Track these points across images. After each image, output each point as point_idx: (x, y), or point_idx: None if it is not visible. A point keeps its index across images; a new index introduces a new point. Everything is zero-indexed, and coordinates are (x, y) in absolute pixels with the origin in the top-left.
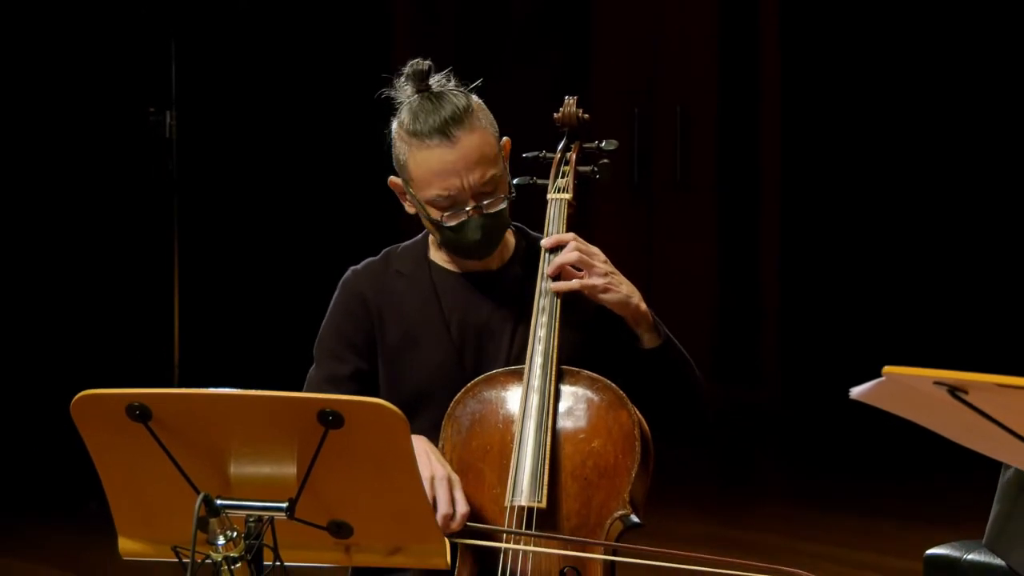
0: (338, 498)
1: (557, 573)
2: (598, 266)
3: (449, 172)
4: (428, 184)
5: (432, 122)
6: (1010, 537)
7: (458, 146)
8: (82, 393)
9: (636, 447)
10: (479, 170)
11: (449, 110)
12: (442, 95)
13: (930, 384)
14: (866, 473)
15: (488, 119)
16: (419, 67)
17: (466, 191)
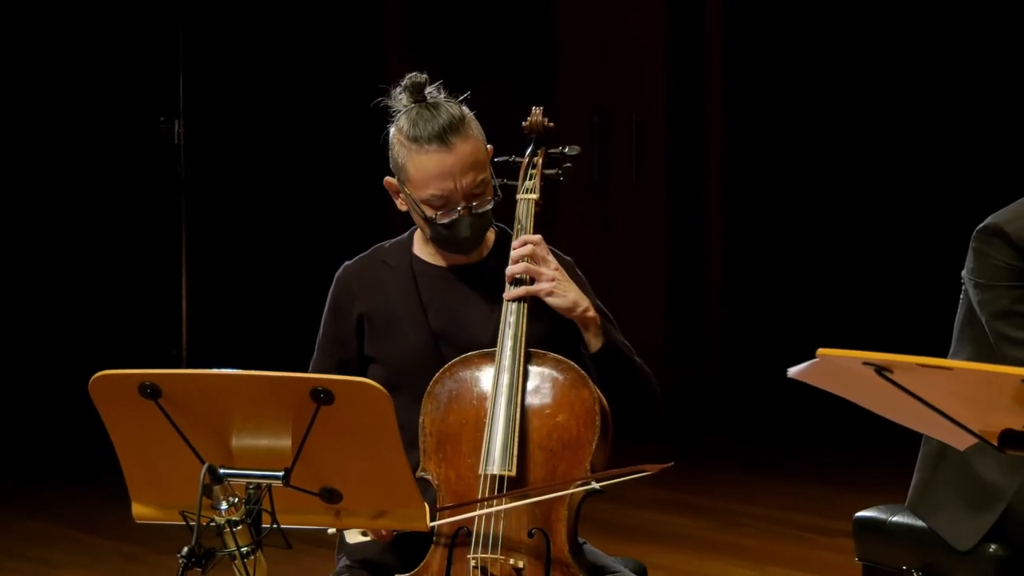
0: (329, 467)
1: (526, 534)
2: (546, 273)
3: (445, 175)
4: (425, 185)
5: (431, 129)
6: (930, 502)
7: (454, 152)
8: (99, 373)
9: (596, 421)
10: (471, 174)
11: (446, 119)
12: (438, 105)
13: (859, 364)
14: (803, 444)
15: (478, 128)
16: (416, 79)
17: (458, 192)
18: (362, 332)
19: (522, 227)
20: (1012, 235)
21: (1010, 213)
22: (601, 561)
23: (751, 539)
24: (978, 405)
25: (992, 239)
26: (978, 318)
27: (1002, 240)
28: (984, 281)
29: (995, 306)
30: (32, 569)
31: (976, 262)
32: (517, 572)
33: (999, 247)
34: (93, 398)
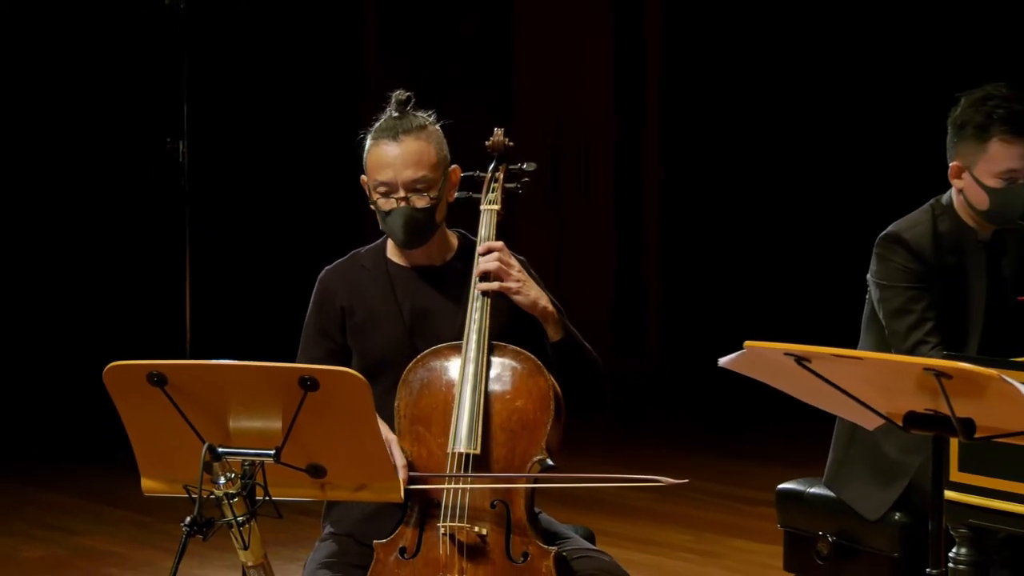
0: (314, 446)
1: (489, 505)
2: (513, 275)
3: (387, 165)
4: (373, 171)
5: (390, 128)
6: (843, 477)
7: (400, 146)
8: (111, 364)
9: (551, 406)
10: (412, 169)
11: (406, 123)
12: (408, 114)
13: (781, 355)
14: (733, 425)
15: (438, 140)
16: (400, 96)
17: (398, 183)
18: (344, 326)
19: (486, 234)
20: (910, 242)
21: (908, 222)
22: (555, 528)
23: (688, 508)
24: (886, 390)
25: (892, 245)
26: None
27: (901, 246)
28: (884, 282)
29: (891, 304)
30: (55, 536)
31: (878, 265)
32: (481, 538)
33: (898, 252)
34: (107, 385)
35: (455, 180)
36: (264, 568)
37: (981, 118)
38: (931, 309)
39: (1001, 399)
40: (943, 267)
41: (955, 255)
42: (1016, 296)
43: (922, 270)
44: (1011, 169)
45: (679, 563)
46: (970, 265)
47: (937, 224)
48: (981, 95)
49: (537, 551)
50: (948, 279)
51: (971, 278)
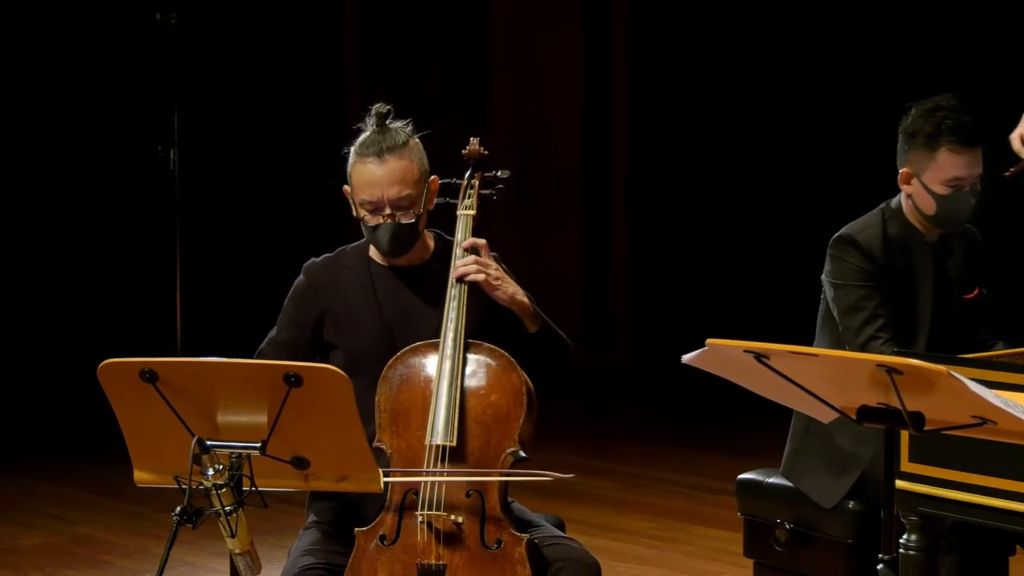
0: (298, 439)
1: (464, 495)
2: (491, 271)
3: (374, 184)
4: (360, 189)
5: (373, 146)
6: (799, 468)
7: (386, 166)
8: (105, 361)
9: (523, 400)
10: (397, 187)
11: (389, 141)
12: (389, 129)
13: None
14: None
15: (419, 156)
16: (381, 109)
17: (384, 201)
18: (321, 327)
19: (461, 238)
20: (862, 243)
21: (859, 225)
22: (527, 516)
23: (652, 497)
24: (840, 386)
25: (845, 246)
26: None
27: (854, 247)
28: (838, 281)
29: (845, 302)
30: (53, 525)
31: (832, 265)
32: (457, 526)
33: (851, 253)
34: (101, 382)
35: (435, 189)
36: (250, 555)
37: (931, 128)
38: (882, 306)
39: (949, 394)
40: (893, 267)
41: (904, 256)
42: (962, 295)
43: (873, 270)
44: (957, 177)
45: (644, 549)
46: (918, 266)
47: (887, 227)
48: (931, 106)
49: (510, 538)
50: (897, 279)
51: (919, 278)
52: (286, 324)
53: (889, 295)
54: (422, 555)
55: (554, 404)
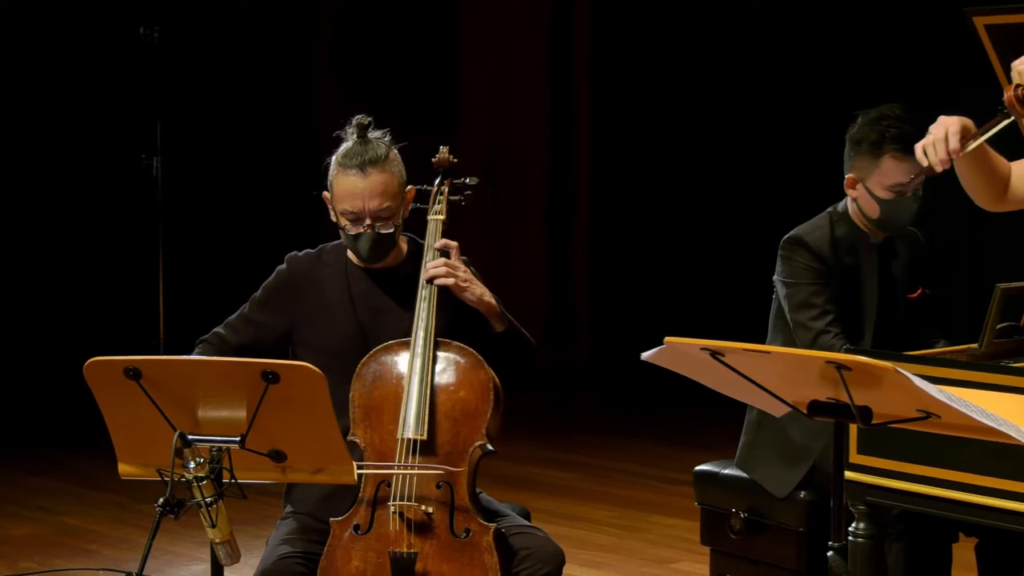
0: (276, 433)
1: (435, 486)
2: (459, 275)
3: (356, 196)
4: (342, 200)
5: (356, 158)
6: (753, 459)
7: (368, 179)
8: (91, 359)
9: (491, 396)
10: (378, 200)
11: (371, 154)
12: (370, 142)
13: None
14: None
15: (398, 168)
16: (362, 121)
17: (366, 212)
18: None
19: (432, 242)
20: (810, 244)
21: (808, 227)
22: (494, 507)
23: (613, 488)
24: (791, 381)
25: (795, 247)
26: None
27: (802, 247)
28: (790, 280)
29: (796, 299)
30: (41, 516)
31: (783, 265)
32: (428, 516)
33: (800, 252)
34: (87, 379)
35: (410, 199)
36: (230, 544)
37: (876, 136)
38: (831, 303)
39: (895, 389)
40: (840, 267)
41: (851, 257)
42: (906, 295)
43: (822, 268)
44: (900, 183)
45: (605, 537)
46: (864, 266)
47: (834, 229)
48: (876, 115)
49: (478, 527)
50: (845, 278)
51: (865, 278)
52: (251, 316)
53: (836, 293)
54: (394, 544)
55: (520, 399)
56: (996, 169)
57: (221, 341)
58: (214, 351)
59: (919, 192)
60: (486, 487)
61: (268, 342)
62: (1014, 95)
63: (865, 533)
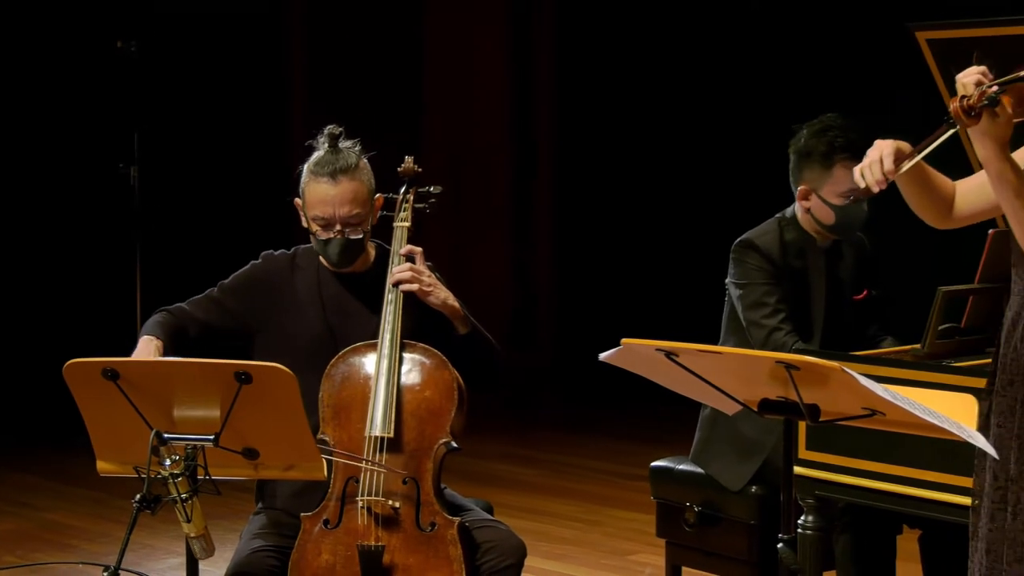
0: (249, 432)
1: (401, 482)
2: (424, 279)
3: (327, 202)
4: (313, 207)
5: (327, 166)
6: (707, 455)
7: (338, 187)
8: (70, 361)
9: (455, 396)
10: (348, 207)
11: (342, 163)
12: (342, 151)
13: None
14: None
15: (368, 176)
16: (333, 131)
17: (336, 218)
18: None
19: (398, 248)
20: (761, 247)
21: (758, 231)
22: (459, 502)
23: (574, 483)
24: (743, 381)
25: (746, 250)
26: (738, 315)
27: (754, 250)
28: (742, 281)
29: (748, 299)
30: (23, 512)
31: (735, 268)
32: (395, 511)
33: (752, 255)
34: (66, 380)
35: (379, 206)
36: (205, 538)
37: (824, 147)
38: (783, 302)
39: (842, 387)
40: (789, 269)
41: (799, 260)
42: (852, 296)
43: (772, 270)
44: (853, 188)
45: (566, 530)
46: (812, 269)
47: (783, 233)
48: (820, 126)
49: (443, 521)
50: (793, 280)
51: (813, 280)
52: (228, 290)
53: (786, 295)
54: (362, 537)
55: (483, 398)
56: (938, 188)
57: (182, 312)
58: (173, 319)
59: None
60: (450, 483)
61: (228, 327)
62: (959, 106)
63: (813, 525)
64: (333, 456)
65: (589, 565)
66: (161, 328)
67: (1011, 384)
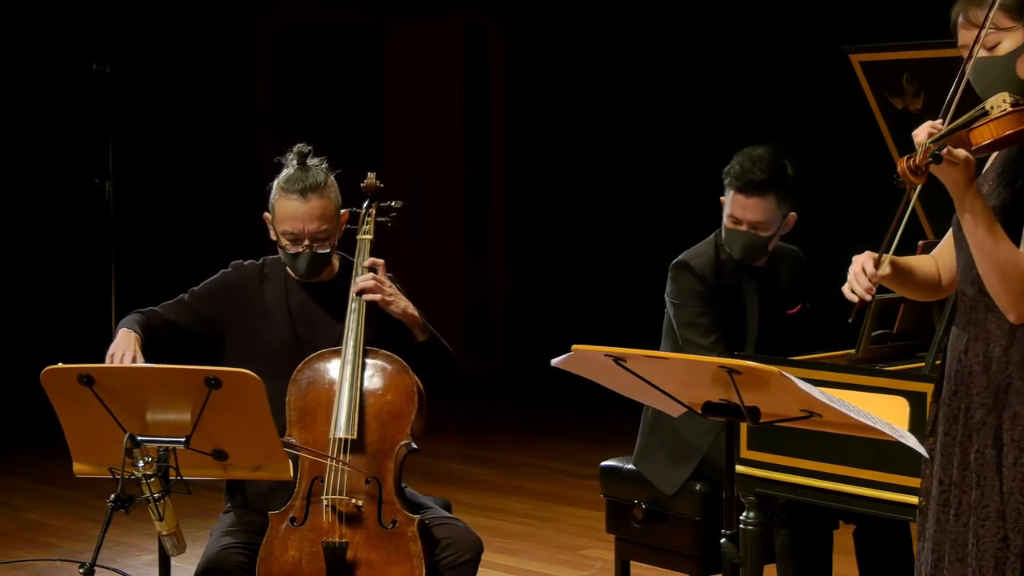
0: (218, 434)
1: (364, 481)
2: (386, 289)
3: (296, 219)
4: (283, 222)
5: (297, 183)
6: (645, 458)
7: (307, 204)
8: (47, 367)
9: (415, 399)
10: (316, 223)
11: (311, 180)
12: (310, 169)
13: (602, 356)
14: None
15: (335, 193)
16: (302, 150)
17: (304, 234)
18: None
19: (361, 260)
20: (695, 268)
21: (694, 252)
22: (418, 500)
23: (527, 481)
24: (687, 384)
25: (682, 271)
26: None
27: (688, 271)
28: (677, 301)
29: (683, 318)
30: (2, 511)
31: (671, 286)
32: (358, 509)
33: (686, 276)
34: (43, 385)
35: (344, 221)
36: (176, 536)
37: (729, 168)
38: (716, 322)
39: (781, 391)
40: (723, 289)
41: (733, 278)
42: (786, 311)
43: (706, 291)
44: (734, 216)
45: (520, 527)
46: (745, 287)
47: (719, 253)
48: (739, 154)
49: (404, 518)
50: (728, 299)
51: (747, 297)
52: (199, 296)
53: (721, 313)
54: (327, 534)
55: (442, 402)
56: (921, 271)
57: (154, 314)
58: (145, 319)
59: (759, 231)
60: (411, 482)
61: (197, 329)
62: (906, 166)
63: (754, 521)
64: (300, 453)
65: (542, 560)
66: (137, 324)
67: (955, 394)
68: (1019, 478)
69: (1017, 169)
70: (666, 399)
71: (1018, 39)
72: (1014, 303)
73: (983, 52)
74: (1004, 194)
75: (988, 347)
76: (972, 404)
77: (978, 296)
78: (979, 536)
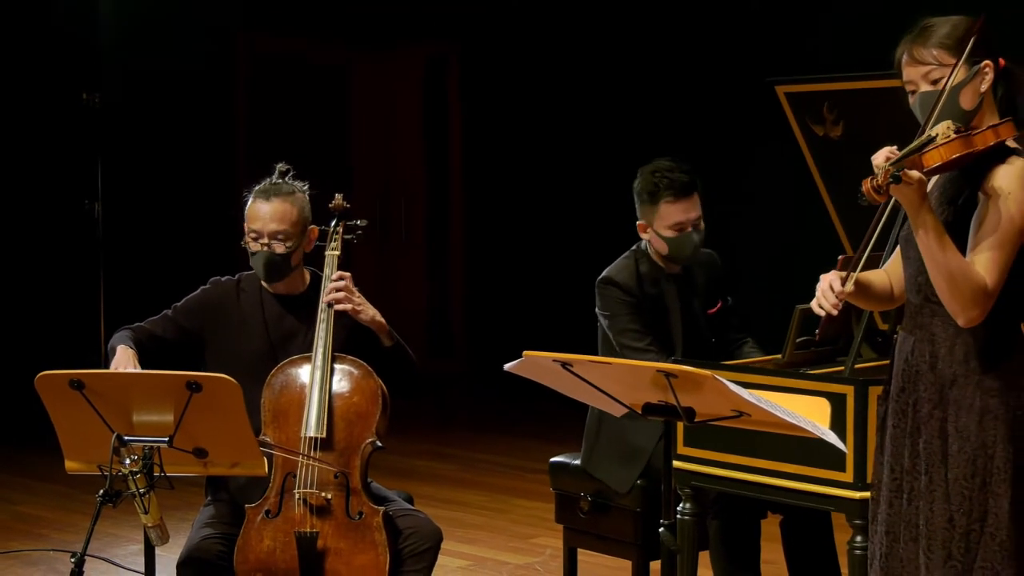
0: (199, 434)
1: (333, 476)
2: (355, 299)
3: (258, 217)
4: (249, 220)
5: (266, 188)
6: (595, 461)
7: (270, 204)
8: (41, 373)
9: (379, 401)
10: (275, 223)
11: (279, 188)
12: (284, 181)
13: (550, 361)
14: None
15: (300, 204)
16: (282, 168)
17: (264, 232)
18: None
19: (329, 273)
20: (619, 282)
21: (616, 267)
22: (383, 493)
23: (484, 476)
24: (628, 387)
25: (608, 286)
26: (611, 340)
27: (614, 286)
28: (607, 312)
29: (617, 327)
30: None
31: (601, 301)
32: (327, 501)
33: (613, 290)
34: (37, 389)
35: (313, 237)
36: (160, 527)
37: (651, 187)
38: (646, 326)
39: (714, 392)
40: (647, 298)
41: (654, 287)
42: (707, 311)
43: (632, 300)
44: (678, 222)
45: (477, 518)
46: (667, 294)
47: (639, 265)
48: (651, 168)
49: (369, 510)
50: (652, 307)
51: (668, 304)
52: (181, 311)
53: (648, 319)
54: (299, 525)
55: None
56: (878, 285)
57: (141, 329)
58: (135, 335)
59: (700, 226)
60: (376, 477)
61: (180, 341)
62: (870, 186)
63: (690, 512)
64: (274, 451)
65: (497, 548)
66: (131, 340)
67: (903, 391)
68: (963, 465)
69: (956, 188)
70: (609, 400)
71: (960, 74)
72: (963, 308)
73: (927, 87)
74: (947, 211)
75: (934, 348)
76: (920, 399)
77: (923, 303)
78: (928, 518)
